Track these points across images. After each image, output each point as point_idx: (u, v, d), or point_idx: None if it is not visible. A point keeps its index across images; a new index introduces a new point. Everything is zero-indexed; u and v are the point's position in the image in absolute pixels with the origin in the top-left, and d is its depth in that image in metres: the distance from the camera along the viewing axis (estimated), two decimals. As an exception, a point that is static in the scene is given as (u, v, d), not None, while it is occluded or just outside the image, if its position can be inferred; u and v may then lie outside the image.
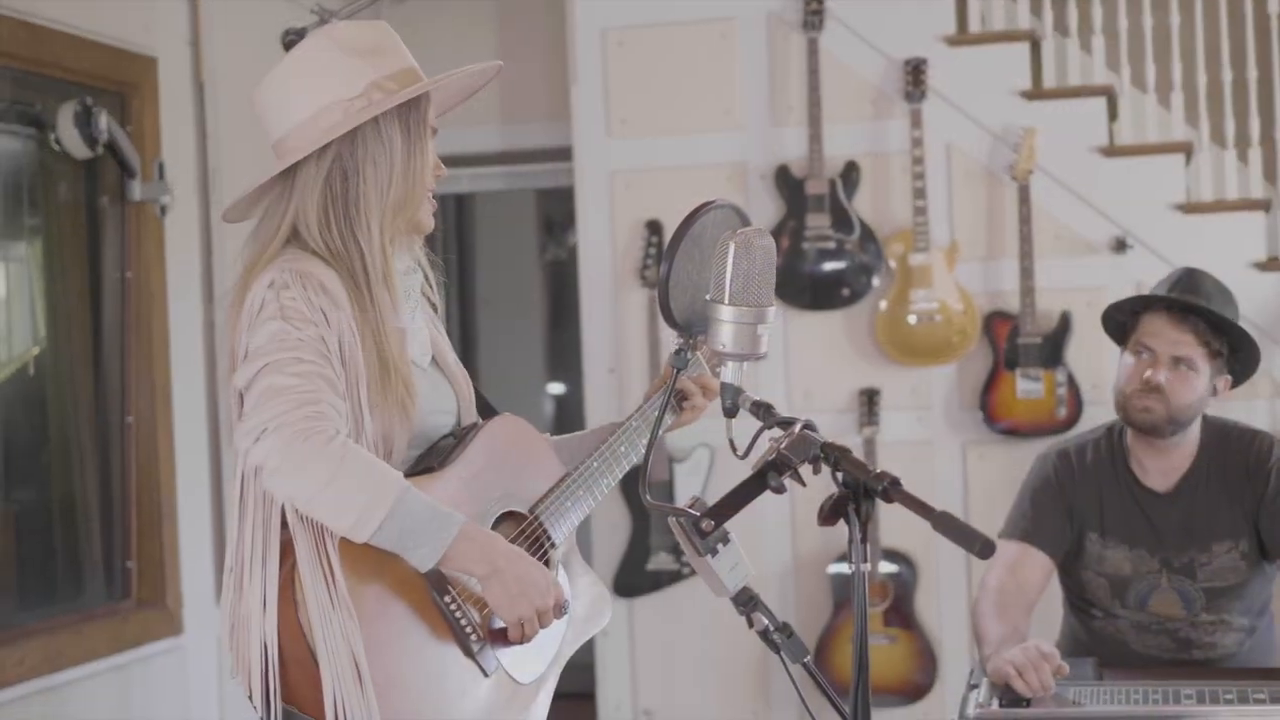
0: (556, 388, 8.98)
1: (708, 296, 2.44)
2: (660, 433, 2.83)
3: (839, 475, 2.24)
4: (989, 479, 6.10)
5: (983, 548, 2.03)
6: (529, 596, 2.72)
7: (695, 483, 6.25)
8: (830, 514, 2.21)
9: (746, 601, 2.37)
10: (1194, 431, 3.96)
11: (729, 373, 2.45)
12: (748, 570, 2.38)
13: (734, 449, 2.42)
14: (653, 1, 6.43)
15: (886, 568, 6.11)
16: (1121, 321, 4.02)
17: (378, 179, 2.80)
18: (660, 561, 6.31)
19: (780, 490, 2.27)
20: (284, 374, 2.63)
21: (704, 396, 3.10)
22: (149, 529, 5.56)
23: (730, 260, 2.38)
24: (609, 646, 6.43)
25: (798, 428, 2.32)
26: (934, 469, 6.19)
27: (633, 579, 6.37)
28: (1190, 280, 3.94)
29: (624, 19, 6.44)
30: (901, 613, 6.13)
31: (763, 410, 2.41)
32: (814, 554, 6.25)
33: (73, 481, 5.42)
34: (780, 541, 6.24)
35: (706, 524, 2.32)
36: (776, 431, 2.36)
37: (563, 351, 8.52)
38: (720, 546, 2.35)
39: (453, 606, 2.72)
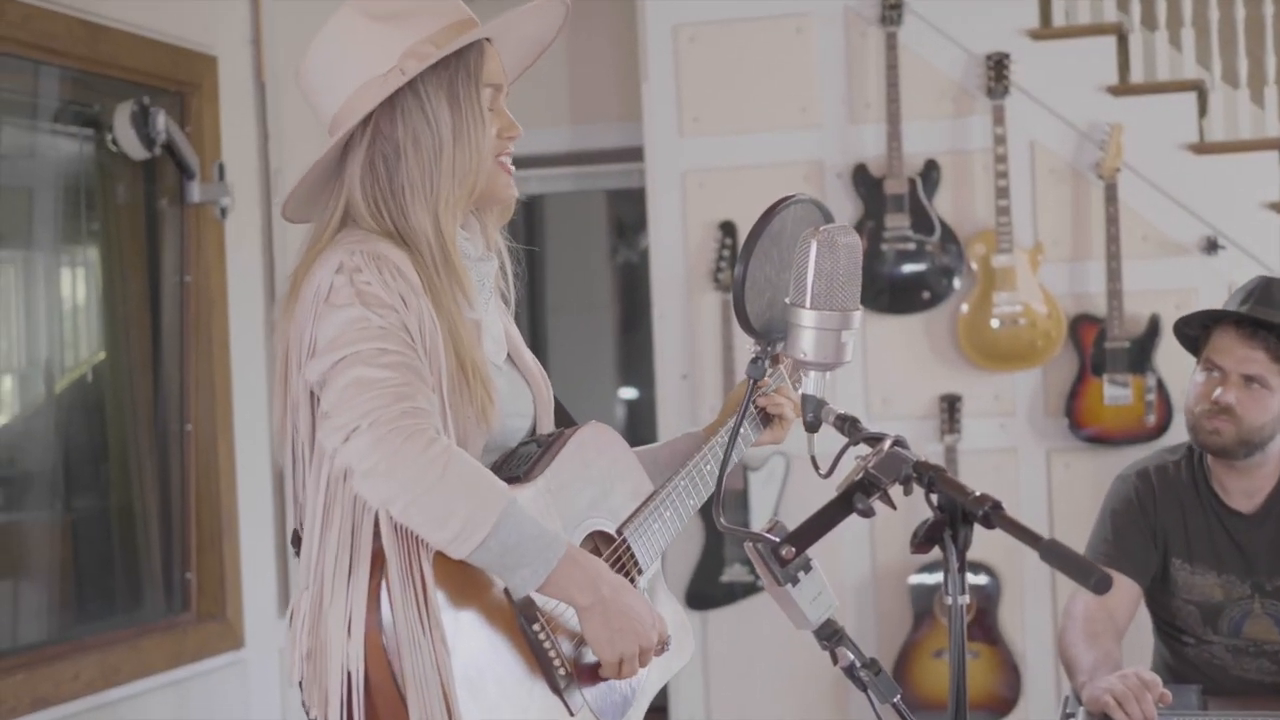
0: (629, 393, 8.85)
1: (787, 300, 2.24)
2: (742, 448, 2.64)
3: (934, 498, 2.03)
4: (1075, 489, 5.91)
5: (1098, 582, 1.82)
6: (633, 634, 2.49)
7: (770, 492, 6.07)
8: (925, 540, 2.00)
9: (830, 635, 2.16)
10: (1275, 449, 3.75)
11: (811, 383, 2.24)
12: (831, 601, 2.18)
13: (816, 467, 2.22)
14: (726, -4, 6.27)
15: (969, 580, 5.90)
16: (1193, 335, 3.83)
17: (422, 154, 2.55)
18: (735, 573, 6.14)
19: (868, 514, 2.08)
20: (371, 365, 2.37)
21: (792, 410, 2.87)
22: (209, 540, 5.45)
23: (812, 260, 2.19)
24: (681, 660, 6.25)
25: (887, 444, 2.11)
26: (1018, 478, 5.99)
27: (706, 591, 6.19)
28: (1265, 291, 3.73)
29: (696, 15, 6.29)
30: (985, 626, 5.93)
31: (848, 425, 2.20)
32: (894, 565, 6.07)
33: (131, 491, 5.33)
34: (859, 552, 6.06)
35: (787, 551, 2.11)
36: (863, 448, 2.16)
37: (634, 356, 8.41)
38: (801, 575, 2.15)
39: (542, 637, 2.48)
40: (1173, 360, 5.80)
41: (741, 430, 2.88)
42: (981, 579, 5.94)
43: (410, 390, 2.38)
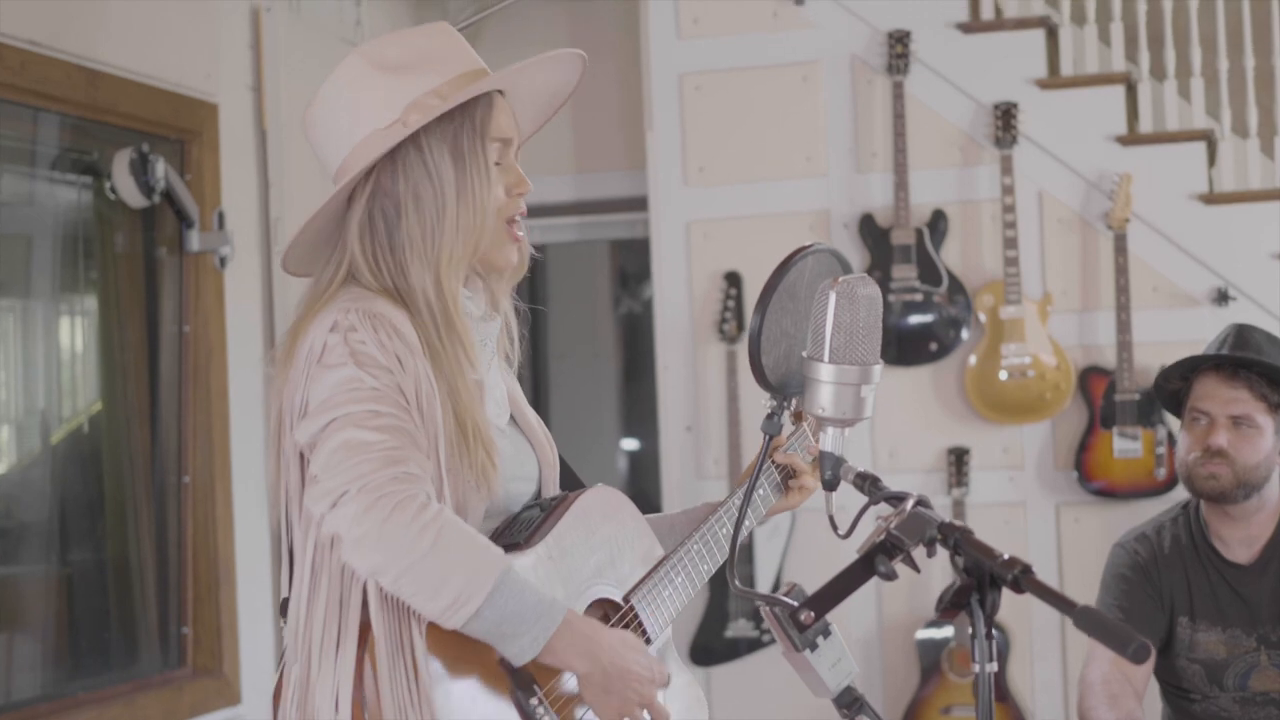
0: (631, 444, 8.77)
1: (804, 353, 2.16)
2: (760, 510, 2.55)
3: (959, 560, 1.95)
4: (1084, 543, 5.83)
5: (1136, 650, 1.74)
6: (635, 693, 2.40)
7: (775, 547, 5.99)
8: (951, 605, 1.92)
9: (850, 703, 2.09)
10: (1272, 494, 3.75)
11: (829, 440, 2.16)
12: (852, 667, 2.10)
13: (834, 527, 2.14)
14: (731, 45, 6.22)
15: (977, 635, 5.82)
16: (1175, 390, 3.83)
17: (423, 211, 2.46)
18: (739, 628, 6.05)
19: (890, 577, 1.99)
20: (362, 428, 2.28)
21: (813, 476, 2.78)
22: (206, 594, 5.37)
23: (830, 312, 2.12)
24: (685, 717, 6.16)
25: (910, 504, 2.04)
26: (1027, 532, 5.92)
27: (711, 645, 6.10)
28: (1239, 336, 3.74)
29: (701, 63, 6.24)
30: (994, 683, 5.83)
31: (868, 483, 2.12)
32: (901, 619, 5.99)
33: (128, 544, 5.25)
34: (865, 605, 5.98)
35: (806, 615, 2.02)
36: (884, 507, 2.08)
37: (637, 407, 8.35)
38: (820, 640, 2.07)
39: (540, 711, 2.37)
40: (1184, 413, 5.75)
41: (760, 493, 2.81)
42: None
43: (401, 454, 2.29)
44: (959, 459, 5.91)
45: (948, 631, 5.84)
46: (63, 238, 5.04)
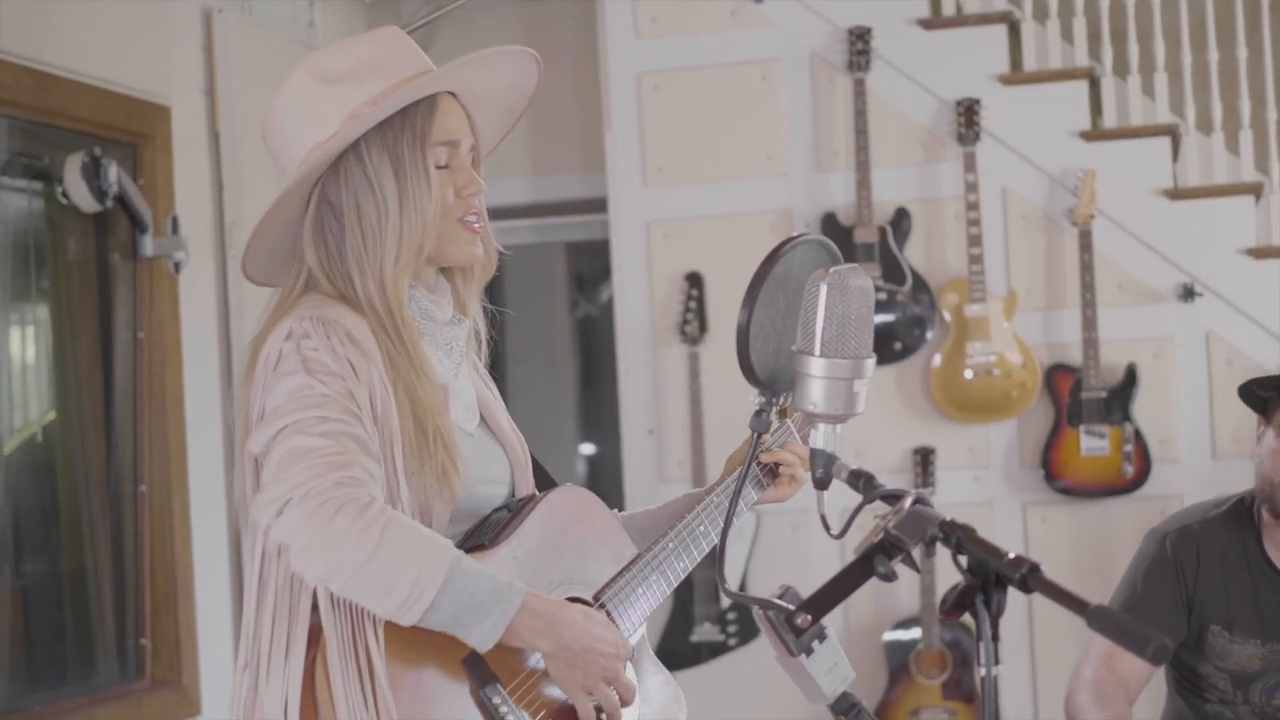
0: (588, 449, 8.72)
1: (794, 347, 2.10)
2: (742, 509, 2.49)
3: (963, 560, 1.88)
4: (1052, 542, 5.80)
5: (1156, 651, 1.66)
6: (598, 669, 2.40)
7: (740, 550, 5.92)
8: (955, 606, 1.85)
9: (847, 710, 2.01)
10: None
11: (820, 437, 2.10)
12: (848, 672, 2.04)
13: (827, 527, 2.06)
14: (690, 43, 6.16)
15: (944, 636, 5.77)
16: (1264, 397, 3.65)
17: (364, 220, 2.45)
18: (705, 633, 5.99)
19: (890, 578, 1.93)
20: (307, 435, 2.27)
21: (804, 467, 2.73)
22: (163, 604, 5.29)
23: (821, 304, 2.05)
24: (651, 724, 6.09)
25: (908, 502, 1.97)
26: (993, 532, 5.87)
27: (676, 649, 6.03)
28: None
29: (660, 62, 6.18)
30: (962, 687, 5.78)
31: (863, 481, 2.05)
32: (867, 621, 5.95)
33: (84, 554, 5.17)
34: (830, 609, 5.91)
35: (802, 619, 1.96)
36: (880, 506, 2.01)
37: (595, 411, 8.31)
38: (816, 644, 2.00)
39: (503, 709, 2.33)
40: (1150, 410, 5.73)
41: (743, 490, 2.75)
42: (957, 636, 5.79)
43: (345, 459, 2.28)
44: (924, 459, 5.87)
45: (915, 633, 5.79)
46: (13, 244, 4.95)
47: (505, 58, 2.60)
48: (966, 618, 5.16)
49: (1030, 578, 1.81)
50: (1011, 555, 1.85)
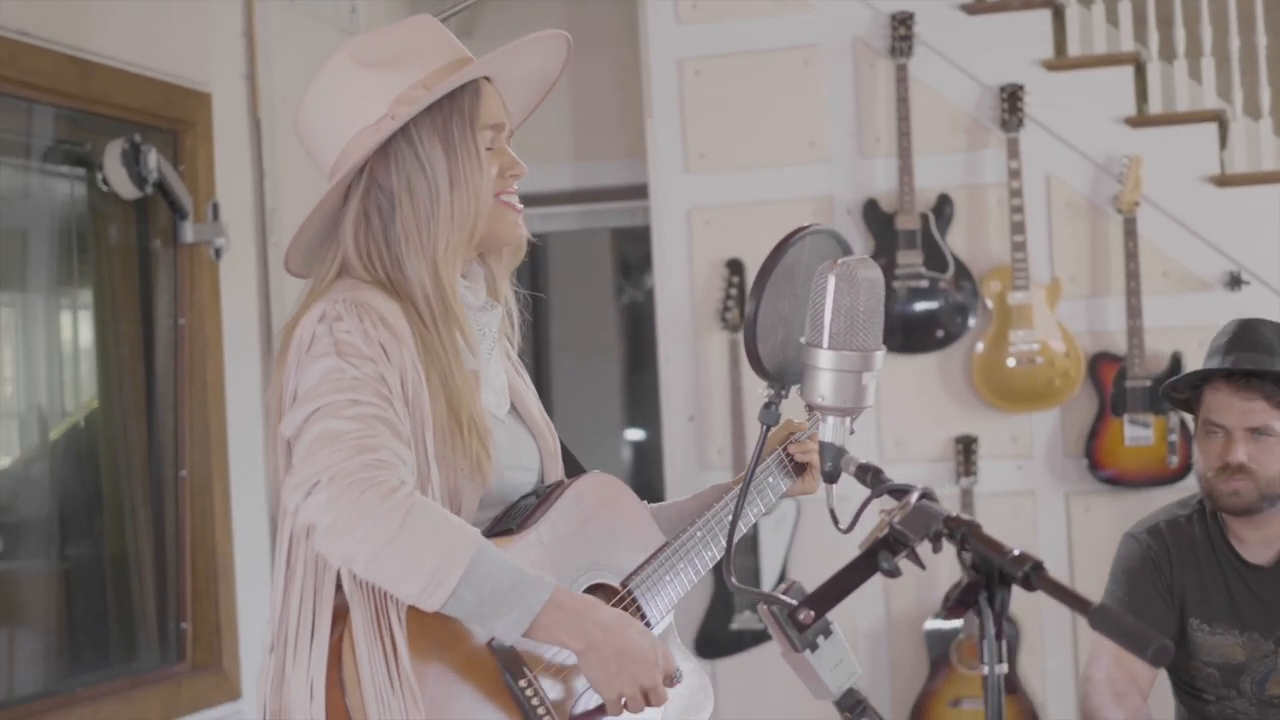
0: (635, 434, 8.71)
1: (803, 339, 2.08)
2: (771, 499, 2.48)
3: (967, 556, 1.86)
4: (1095, 532, 5.75)
5: (1156, 652, 1.64)
6: (631, 675, 2.35)
7: (780, 539, 5.91)
8: (958, 603, 1.83)
9: (853, 706, 1.99)
10: None
11: (829, 429, 2.08)
12: (854, 669, 2.02)
13: (835, 521, 2.05)
14: (731, 29, 6.14)
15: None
16: (1184, 398, 3.68)
17: (417, 202, 2.46)
18: (745, 620, 5.97)
19: (894, 574, 1.91)
20: (338, 418, 2.28)
21: None
22: (204, 588, 5.31)
23: (830, 296, 2.03)
24: (691, 710, 6.09)
25: (914, 497, 1.95)
26: (1035, 522, 5.84)
27: (715, 638, 6.02)
28: (1246, 335, 3.58)
29: (701, 48, 6.16)
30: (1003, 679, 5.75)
31: (870, 475, 2.03)
32: (908, 611, 5.92)
33: (125, 539, 5.20)
34: (872, 597, 5.91)
35: (805, 614, 1.94)
36: (888, 500, 1.99)
37: (641, 397, 8.29)
38: (821, 640, 1.99)
39: (529, 693, 2.34)
40: (1195, 399, 5.66)
41: (770, 480, 2.77)
42: (1000, 625, 5.77)
43: (375, 442, 2.28)
44: (966, 448, 5.83)
45: (957, 623, 5.76)
46: (57, 231, 4.98)
47: (543, 43, 2.62)
48: (1012, 610, 5.17)
49: (1033, 575, 1.78)
50: (1015, 552, 1.83)
